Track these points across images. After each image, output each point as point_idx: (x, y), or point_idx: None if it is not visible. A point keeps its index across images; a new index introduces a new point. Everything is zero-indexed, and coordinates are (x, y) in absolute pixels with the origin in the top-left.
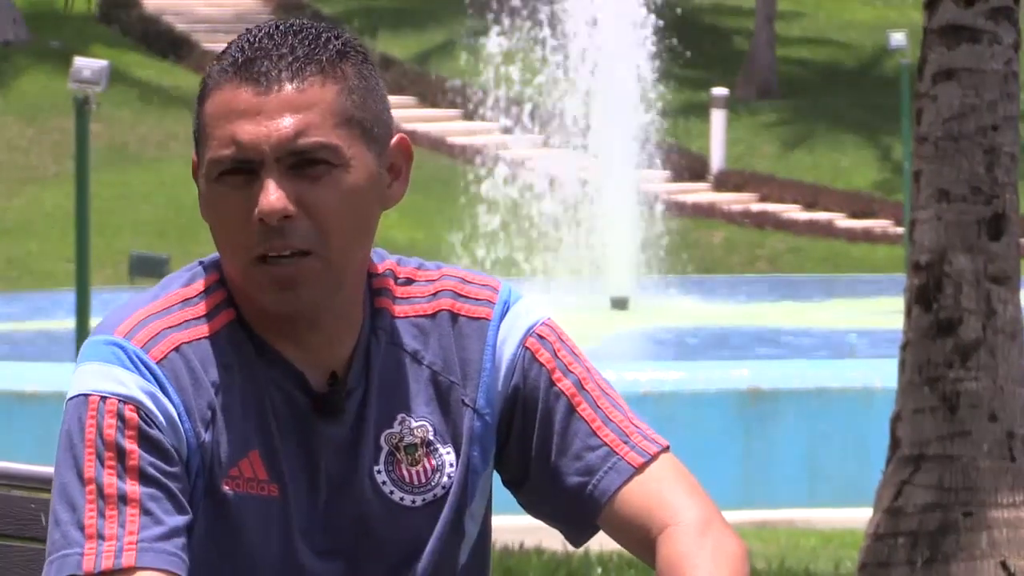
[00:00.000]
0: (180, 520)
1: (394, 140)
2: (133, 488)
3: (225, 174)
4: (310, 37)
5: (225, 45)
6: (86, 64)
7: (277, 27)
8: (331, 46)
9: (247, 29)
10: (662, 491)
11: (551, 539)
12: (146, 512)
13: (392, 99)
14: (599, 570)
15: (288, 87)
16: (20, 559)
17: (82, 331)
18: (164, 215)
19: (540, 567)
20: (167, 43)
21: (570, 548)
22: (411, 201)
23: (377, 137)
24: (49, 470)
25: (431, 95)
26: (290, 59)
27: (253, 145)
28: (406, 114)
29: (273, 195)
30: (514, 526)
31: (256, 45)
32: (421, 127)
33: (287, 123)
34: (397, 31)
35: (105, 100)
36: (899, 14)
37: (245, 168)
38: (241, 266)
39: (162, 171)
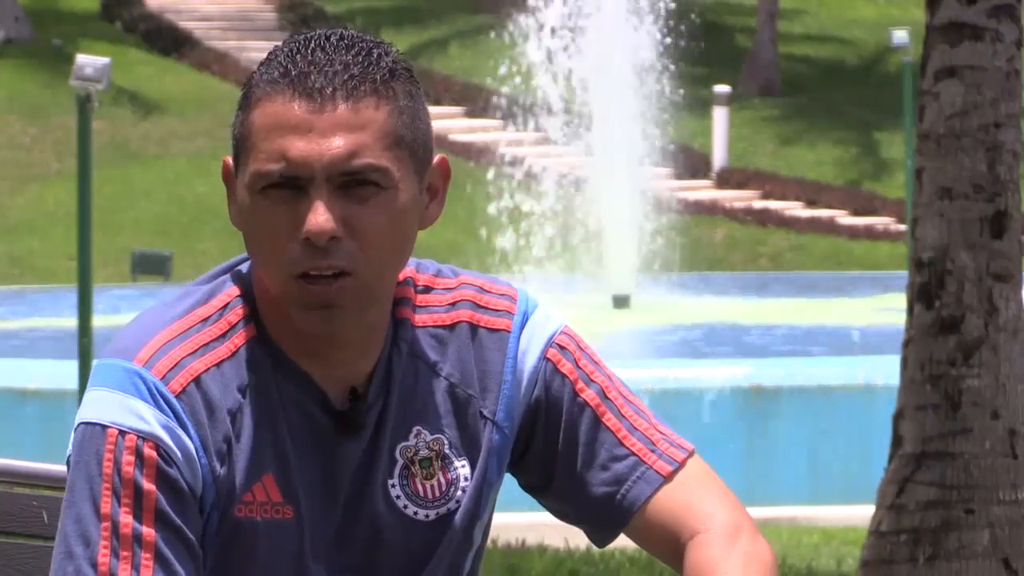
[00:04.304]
0: (191, 566)
1: (435, 160)
2: (149, 531)
3: (270, 187)
4: (363, 53)
5: (271, 49)
6: (88, 62)
7: (328, 38)
8: (383, 64)
9: (293, 37)
10: (691, 498)
11: (553, 536)
12: (160, 558)
13: None
14: (601, 567)
15: (342, 106)
16: (23, 556)
17: (84, 329)
18: (166, 212)
19: (542, 565)
20: (169, 41)
21: (571, 545)
22: None
23: (422, 158)
24: (51, 467)
25: (433, 92)
26: (345, 76)
27: (304, 162)
28: None
29: (322, 216)
30: (516, 523)
31: (309, 58)
32: None
33: (340, 143)
34: (399, 28)
35: (107, 98)
36: (901, 12)
37: (292, 184)
38: (281, 281)
39: (164, 168)
